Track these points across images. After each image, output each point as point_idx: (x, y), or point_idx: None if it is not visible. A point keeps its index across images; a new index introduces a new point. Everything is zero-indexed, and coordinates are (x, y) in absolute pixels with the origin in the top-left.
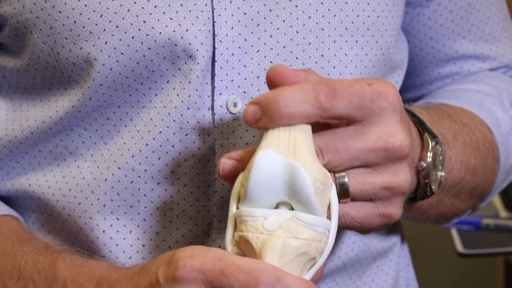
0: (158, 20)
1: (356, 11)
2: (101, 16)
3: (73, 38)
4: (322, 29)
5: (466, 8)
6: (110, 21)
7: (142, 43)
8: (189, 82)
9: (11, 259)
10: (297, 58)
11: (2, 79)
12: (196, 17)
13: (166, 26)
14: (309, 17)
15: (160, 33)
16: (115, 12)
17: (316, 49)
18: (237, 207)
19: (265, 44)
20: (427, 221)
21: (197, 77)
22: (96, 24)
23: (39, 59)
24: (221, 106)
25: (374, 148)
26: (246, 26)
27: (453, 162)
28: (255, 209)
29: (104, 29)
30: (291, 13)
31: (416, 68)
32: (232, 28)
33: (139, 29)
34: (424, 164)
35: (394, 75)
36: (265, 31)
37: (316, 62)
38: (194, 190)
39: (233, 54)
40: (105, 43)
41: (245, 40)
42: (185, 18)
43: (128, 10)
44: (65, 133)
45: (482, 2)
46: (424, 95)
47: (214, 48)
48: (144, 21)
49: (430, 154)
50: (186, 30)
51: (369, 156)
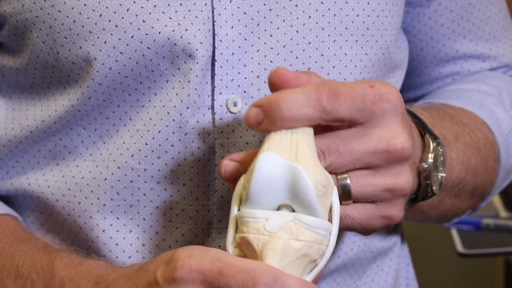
0: (158, 20)
1: (356, 11)
2: (101, 16)
3: (73, 38)
4: (322, 29)
5: (467, 8)
6: (110, 21)
7: (142, 43)
8: (188, 82)
9: (10, 258)
10: (297, 58)
11: (2, 78)
12: (196, 17)
13: (166, 26)
14: (309, 17)
15: (160, 33)
16: (115, 12)
17: (316, 49)
18: (239, 209)
19: (265, 44)
20: (428, 221)
21: (197, 77)
22: (96, 24)
23: (39, 58)
24: (221, 106)
25: (376, 150)
26: (246, 26)
27: (454, 163)
28: (257, 211)
29: (104, 29)
30: (291, 13)
31: (417, 68)
32: (232, 28)
33: (139, 29)
34: (425, 166)
35: (395, 75)
36: (265, 31)
37: (316, 62)
38: (194, 189)
39: (233, 54)
40: (105, 43)
41: (245, 40)
42: (185, 18)
43: (128, 10)
44: (64, 132)
45: (483, 2)
46: (425, 95)
47: (214, 48)
48: (144, 21)
49: (431, 156)
50: (186, 30)
51: (371, 158)
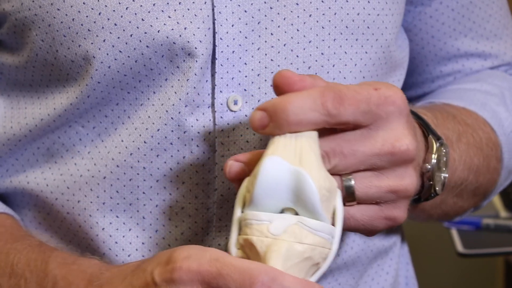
0: (157, 18)
1: (357, 9)
2: (100, 14)
3: (72, 36)
4: (323, 27)
5: (468, 6)
6: (109, 19)
7: (141, 41)
8: (187, 80)
9: (4, 257)
10: (298, 56)
11: (1, 76)
12: (195, 15)
13: (165, 24)
14: (310, 15)
15: (159, 31)
16: (114, 10)
17: (317, 48)
18: (242, 211)
19: (266, 42)
20: (430, 220)
21: (196, 75)
22: (95, 22)
23: (38, 56)
24: (222, 104)
25: (381, 152)
26: (247, 24)
27: (457, 163)
28: (261, 213)
29: (103, 27)
30: (292, 11)
31: (418, 66)
32: (233, 26)
33: (138, 27)
34: (429, 166)
35: (396, 74)
36: (266, 29)
37: (316, 60)
38: (193, 188)
39: (234, 52)
40: (104, 41)
41: (246, 38)
42: (184, 16)
43: (127, 8)
44: (63, 130)
45: (483, 1)
46: (426, 93)
47: (215, 46)
48: (143, 19)
49: (435, 156)
50: (185, 28)
51: (376, 160)
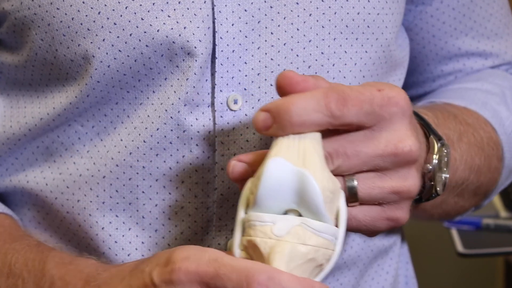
0: (156, 18)
1: (357, 9)
2: (99, 13)
3: (71, 35)
4: (323, 27)
5: (468, 6)
6: (108, 18)
7: (140, 41)
8: (187, 79)
9: (2, 257)
10: (298, 56)
11: (0, 75)
12: (194, 15)
13: (164, 24)
14: (310, 15)
15: (158, 31)
16: (113, 9)
17: (317, 47)
18: (245, 212)
19: (266, 41)
20: (430, 220)
21: (195, 74)
22: (94, 21)
23: (37, 56)
24: (222, 103)
25: (384, 153)
26: (247, 23)
27: (458, 163)
28: (264, 214)
29: (102, 26)
30: (292, 10)
31: (419, 66)
32: (233, 25)
33: (137, 27)
34: (430, 167)
35: (397, 73)
36: (266, 28)
37: (317, 60)
38: (193, 187)
39: (234, 51)
40: (103, 40)
41: (246, 37)
42: (183, 16)
43: (126, 8)
44: (62, 129)
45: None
46: (427, 93)
47: (215, 45)
48: (142, 19)
49: (436, 157)
50: (184, 28)
51: (379, 161)
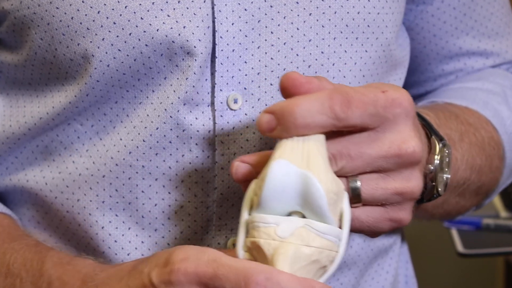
0: (156, 17)
1: (357, 8)
2: (99, 13)
3: (71, 34)
4: (323, 26)
5: (469, 5)
6: (108, 18)
7: (139, 40)
8: (186, 79)
9: (1, 256)
10: (298, 55)
11: (0, 75)
12: (194, 14)
13: (164, 23)
14: (310, 14)
15: (158, 30)
16: (113, 9)
17: (317, 46)
18: (249, 214)
19: (266, 41)
20: (432, 219)
21: (195, 74)
22: (94, 21)
23: (37, 55)
24: (222, 103)
25: (388, 155)
26: (247, 22)
27: (459, 163)
28: (268, 216)
29: (102, 26)
30: (292, 10)
31: (420, 65)
32: (233, 24)
33: (136, 26)
34: (432, 167)
35: (397, 72)
36: (266, 27)
37: (316, 59)
38: (192, 186)
39: (234, 50)
40: (102, 40)
41: (246, 36)
42: (183, 15)
43: (126, 7)
44: (61, 128)
45: None
46: (428, 92)
47: (215, 44)
48: (142, 18)
49: (437, 157)
50: (184, 27)
51: (382, 162)
